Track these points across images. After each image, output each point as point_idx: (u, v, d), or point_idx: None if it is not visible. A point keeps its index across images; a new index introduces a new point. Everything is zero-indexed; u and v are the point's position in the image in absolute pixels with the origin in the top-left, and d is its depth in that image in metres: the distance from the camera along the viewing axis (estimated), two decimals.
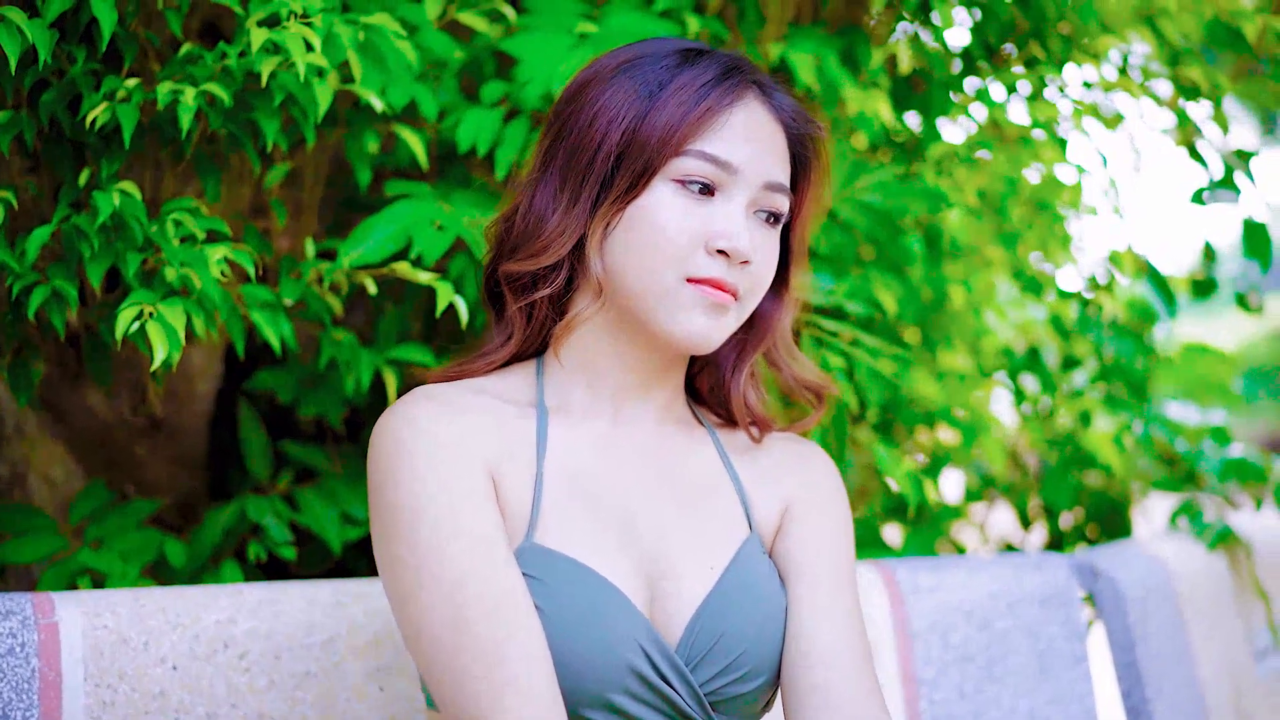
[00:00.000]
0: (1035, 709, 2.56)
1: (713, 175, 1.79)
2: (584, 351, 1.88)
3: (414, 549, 1.70)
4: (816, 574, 1.89)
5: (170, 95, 1.99)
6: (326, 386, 2.46)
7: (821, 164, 1.94)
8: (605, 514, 1.82)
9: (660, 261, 1.78)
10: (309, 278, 2.25)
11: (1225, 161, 3.33)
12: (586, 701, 1.71)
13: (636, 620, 1.74)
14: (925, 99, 2.94)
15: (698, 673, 1.77)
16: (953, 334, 3.22)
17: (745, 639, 1.80)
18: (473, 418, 1.80)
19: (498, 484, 1.78)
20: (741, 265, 1.80)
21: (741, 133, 1.81)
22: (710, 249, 1.78)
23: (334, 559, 2.56)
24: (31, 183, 2.16)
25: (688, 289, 1.79)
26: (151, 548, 2.36)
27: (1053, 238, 3.30)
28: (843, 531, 1.96)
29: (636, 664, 1.72)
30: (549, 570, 1.74)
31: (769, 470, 1.97)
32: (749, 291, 1.83)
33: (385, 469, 1.75)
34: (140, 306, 1.99)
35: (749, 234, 1.80)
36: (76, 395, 2.47)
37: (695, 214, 1.79)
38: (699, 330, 1.80)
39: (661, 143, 1.78)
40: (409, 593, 1.71)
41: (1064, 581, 2.65)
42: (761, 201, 1.83)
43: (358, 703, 2.07)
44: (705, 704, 1.77)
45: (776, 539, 1.94)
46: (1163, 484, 3.49)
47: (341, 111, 2.34)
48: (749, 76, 1.86)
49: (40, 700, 1.87)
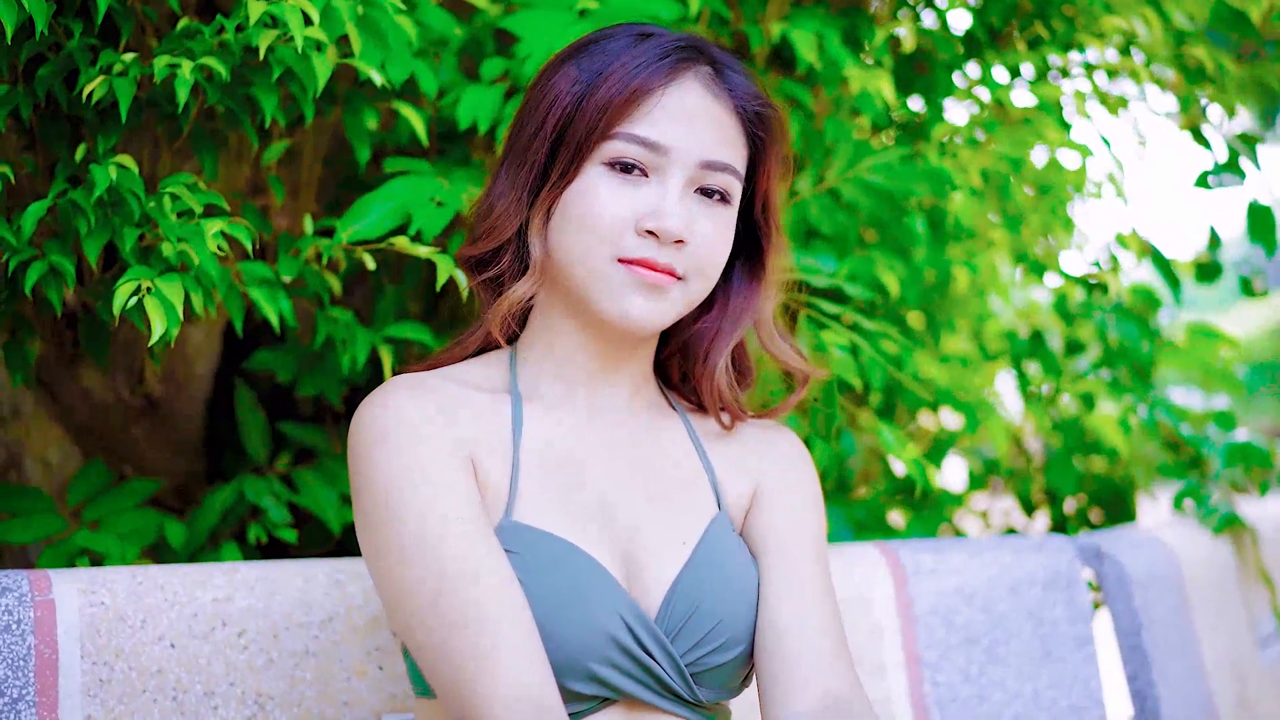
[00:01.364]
0: (1039, 691, 2.55)
1: (643, 157, 1.80)
2: (548, 337, 1.90)
3: (396, 528, 1.72)
4: (784, 549, 1.92)
5: (167, 69, 1.98)
6: (325, 366, 2.45)
7: (779, 144, 1.92)
8: (581, 495, 1.84)
9: (592, 243, 1.80)
10: (307, 255, 2.23)
11: (1229, 145, 3.31)
12: (569, 673, 1.72)
13: (616, 592, 1.76)
14: (928, 81, 2.92)
15: (677, 644, 1.79)
16: (956, 317, 3.20)
17: (719, 611, 1.82)
18: (449, 403, 1.81)
19: (476, 465, 1.79)
20: (676, 245, 1.80)
21: (674, 114, 1.81)
22: (640, 229, 1.79)
23: (334, 540, 2.54)
24: (28, 159, 2.15)
25: (619, 270, 1.79)
26: (150, 529, 2.34)
27: (1056, 221, 3.28)
28: (811, 507, 1.98)
29: (618, 635, 1.74)
30: (528, 546, 1.76)
31: (739, 453, 1.99)
32: (694, 272, 1.83)
33: (365, 453, 1.76)
34: (138, 282, 1.98)
35: (685, 214, 1.80)
36: (73, 377, 2.45)
37: (624, 195, 1.80)
38: (636, 312, 1.80)
39: (590, 128, 1.80)
40: (393, 571, 1.72)
41: (1067, 564, 2.63)
42: (701, 181, 1.83)
43: (357, 681, 2.06)
44: (686, 675, 1.79)
45: (748, 518, 1.96)
46: (1167, 469, 3.47)
47: (340, 89, 2.32)
48: (696, 57, 1.85)
49: (36, 677, 1.85)
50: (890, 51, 2.78)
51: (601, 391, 1.91)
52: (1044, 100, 2.89)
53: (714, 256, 1.84)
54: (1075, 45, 2.91)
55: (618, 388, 1.92)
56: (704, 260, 1.83)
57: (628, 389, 1.93)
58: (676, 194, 1.80)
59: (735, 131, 1.87)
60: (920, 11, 2.94)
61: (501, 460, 1.81)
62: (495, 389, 1.88)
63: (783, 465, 1.99)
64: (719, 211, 1.85)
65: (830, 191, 2.62)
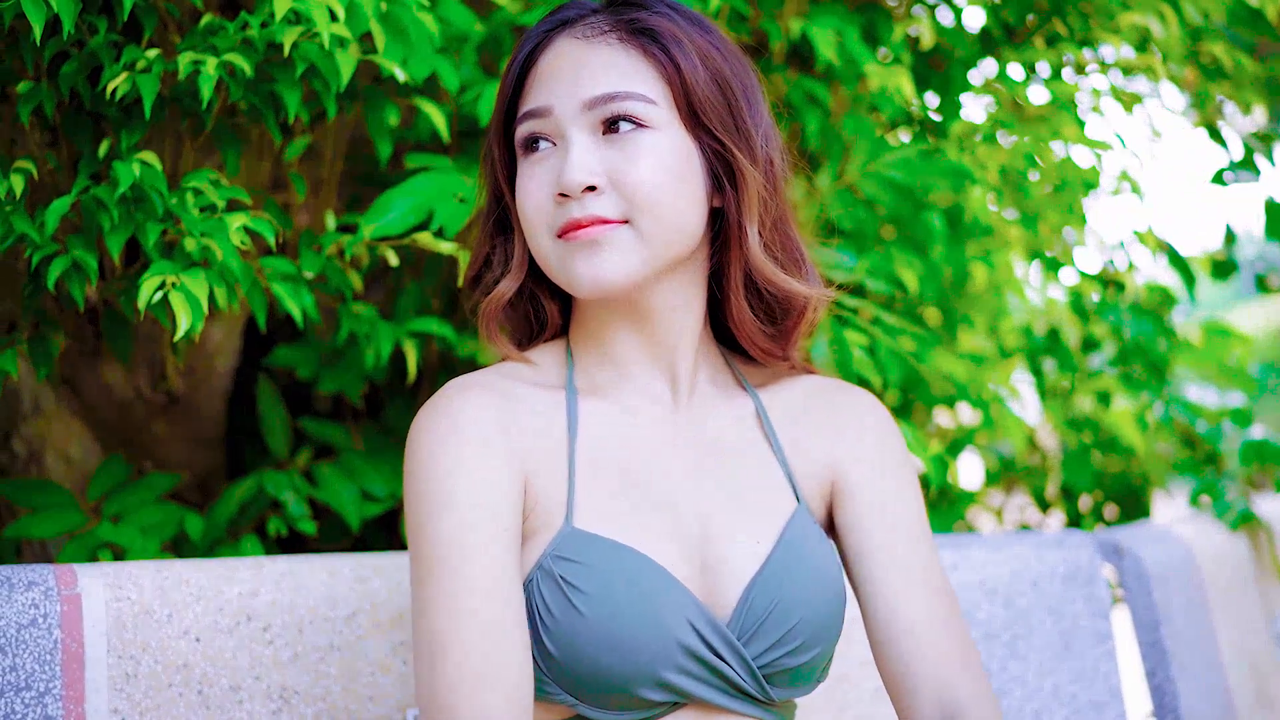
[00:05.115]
0: (1059, 686, 2.55)
1: (540, 128, 1.77)
2: (589, 325, 1.85)
3: (431, 541, 1.69)
4: (886, 540, 1.86)
5: (191, 66, 1.98)
6: (346, 362, 2.45)
7: (684, 41, 1.76)
8: (643, 494, 1.79)
9: (534, 232, 1.77)
10: (329, 251, 2.23)
11: (1245, 143, 3.32)
12: (640, 681, 1.69)
13: (682, 596, 1.72)
14: (945, 78, 2.92)
15: (751, 646, 1.75)
16: (973, 314, 3.21)
17: (798, 611, 1.77)
18: (509, 407, 1.77)
19: (532, 474, 1.75)
20: (589, 194, 1.72)
21: (549, 75, 1.77)
22: (555, 197, 1.74)
23: (353, 536, 2.55)
24: (51, 155, 2.15)
25: (559, 245, 1.75)
26: (171, 523, 2.35)
27: (1072, 217, 3.28)
28: (906, 487, 1.91)
29: (686, 640, 1.70)
30: (590, 553, 1.72)
31: (813, 432, 1.91)
32: (635, 210, 1.72)
33: (416, 460, 1.73)
34: (163, 278, 1.98)
35: (589, 162, 1.72)
36: (95, 372, 2.46)
37: (541, 174, 1.76)
38: (586, 276, 1.73)
39: (505, 122, 1.82)
40: (420, 579, 1.70)
41: (1087, 559, 2.63)
42: (594, 120, 1.74)
43: (382, 676, 2.06)
44: (760, 677, 1.75)
45: (835, 505, 1.90)
46: (1183, 466, 3.48)
47: (361, 86, 2.33)
48: (579, 15, 1.80)
49: (63, 672, 1.86)
50: (908, 48, 2.79)
51: (654, 379, 1.84)
52: (1060, 97, 2.89)
53: (644, 185, 1.72)
54: (1091, 42, 2.90)
55: (670, 369, 1.85)
56: (635, 193, 1.72)
57: (684, 373, 1.85)
58: (579, 146, 1.73)
59: (624, 58, 1.75)
60: (937, 9, 2.94)
61: (558, 462, 1.77)
62: (552, 385, 1.83)
63: (864, 444, 1.91)
64: (637, 138, 1.73)
65: (849, 187, 2.63)
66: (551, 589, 1.70)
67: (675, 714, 1.74)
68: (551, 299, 1.87)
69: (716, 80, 1.78)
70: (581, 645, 1.68)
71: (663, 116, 1.75)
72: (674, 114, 1.76)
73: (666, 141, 1.74)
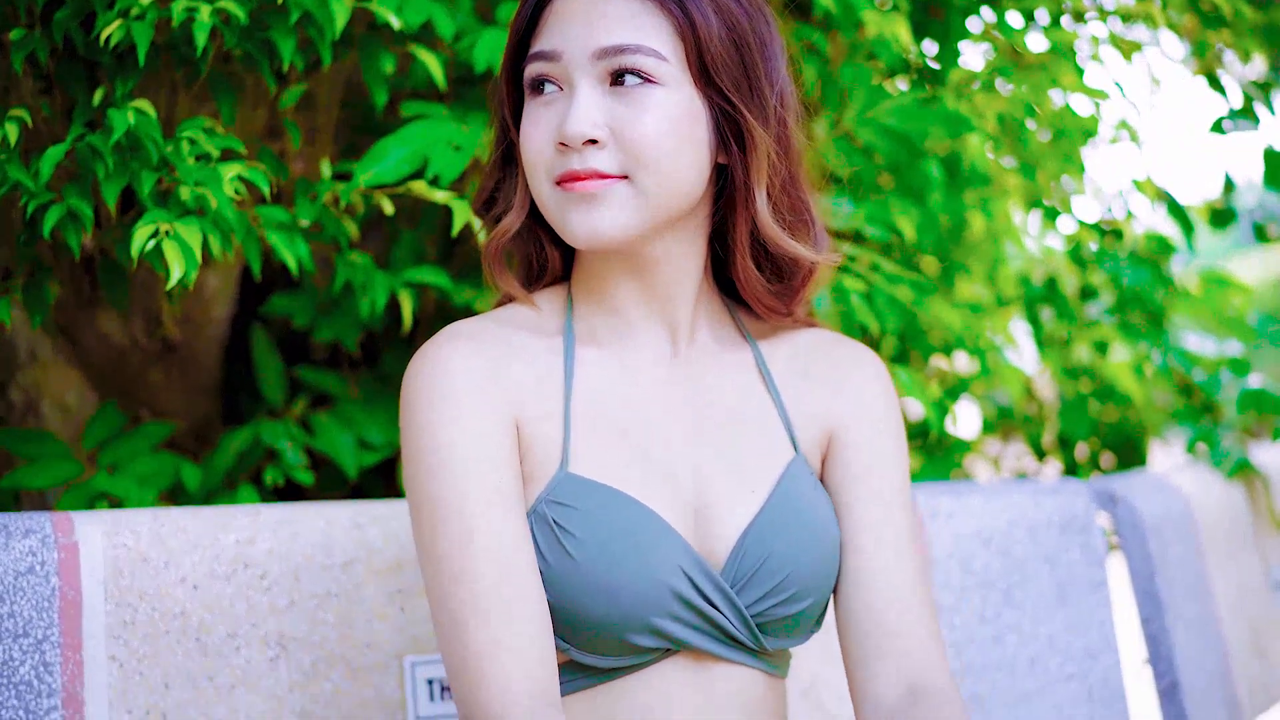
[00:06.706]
0: (1055, 634, 2.56)
1: (547, 70, 1.73)
2: (589, 269, 1.83)
3: (433, 497, 1.69)
4: (874, 502, 1.85)
5: (185, 13, 1.97)
6: (342, 311, 2.45)
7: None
8: (639, 442, 1.78)
9: (535, 175, 1.75)
10: (325, 199, 2.23)
11: (1244, 91, 3.30)
12: (632, 627, 1.69)
13: (675, 543, 1.72)
14: (943, 25, 2.90)
15: (744, 595, 1.75)
16: (971, 263, 3.20)
17: (791, 561, 1.77)
18: (502, 355, 1.76)
19: (526, 421, 1.75)
20: (592, 146, 1.70)
21: (565, 17, 1.73)
22: (557, 144, 1.72)
23: (350, 484, 2.55)
24: (45, 103, 2.14)
25: (557, 192, 1.73)
26: (167, 472, 2.35)
27: (1071, 166, 3.27)
28: (899, 451, 1.90)
29: (678, 587, 1.70)
30: (585, 499, 1.72)
31: (814, 385, 1.90)
32: (635, 166, 1.70)
33: (411, 413, 1.72)
34: (156, 225, 1.98)
35: (594, 114, 1.70)
36: (90, 321, 2.46)
37: (546, 117, 1.73)
38: (581, 229, 1.71)
39: (515, 58, 1.79)
40: (426, 537, 1.70)
41: (1083, 507, 2.64)
42: (602, 70, 1.71)
43: (379, 623, 2.07)
44: (752, 626, 1.75)
45: (827, 459, 1.89)
46: (1181, 415, 3.48)
47: (356, 33, 2.31)
48: None
49: (60, 619, 1.86)
50: None
51: (652, 322, 1.83)
52: (1058, 45, 2.87)
53: (647, 140, 1.69)
54: None
55: (670, 317, 1.83)
56: (637, 148, 1.69)
57: (684, 317, 1.84)
58: (585, 96, 1.70)
59: (640, 8, 1.71)
60: None
61: (554, 408, 1.76)
62: (550, 331, 1.82)
63: (862, 399, 1.90)
64: (644, 93, 1.70)
65: (847, 135, 2.62)
66: (545, 533, 1.71)
67: (668, 661, 1.74)
68: (553, 245, 1.86)
69: (733, 38, 1.74)
70: (574, 590, 1.69)
71: (673, 73, 1.71)
72: (685, 71, 1.72)
73: (674, 99, 1.71)
